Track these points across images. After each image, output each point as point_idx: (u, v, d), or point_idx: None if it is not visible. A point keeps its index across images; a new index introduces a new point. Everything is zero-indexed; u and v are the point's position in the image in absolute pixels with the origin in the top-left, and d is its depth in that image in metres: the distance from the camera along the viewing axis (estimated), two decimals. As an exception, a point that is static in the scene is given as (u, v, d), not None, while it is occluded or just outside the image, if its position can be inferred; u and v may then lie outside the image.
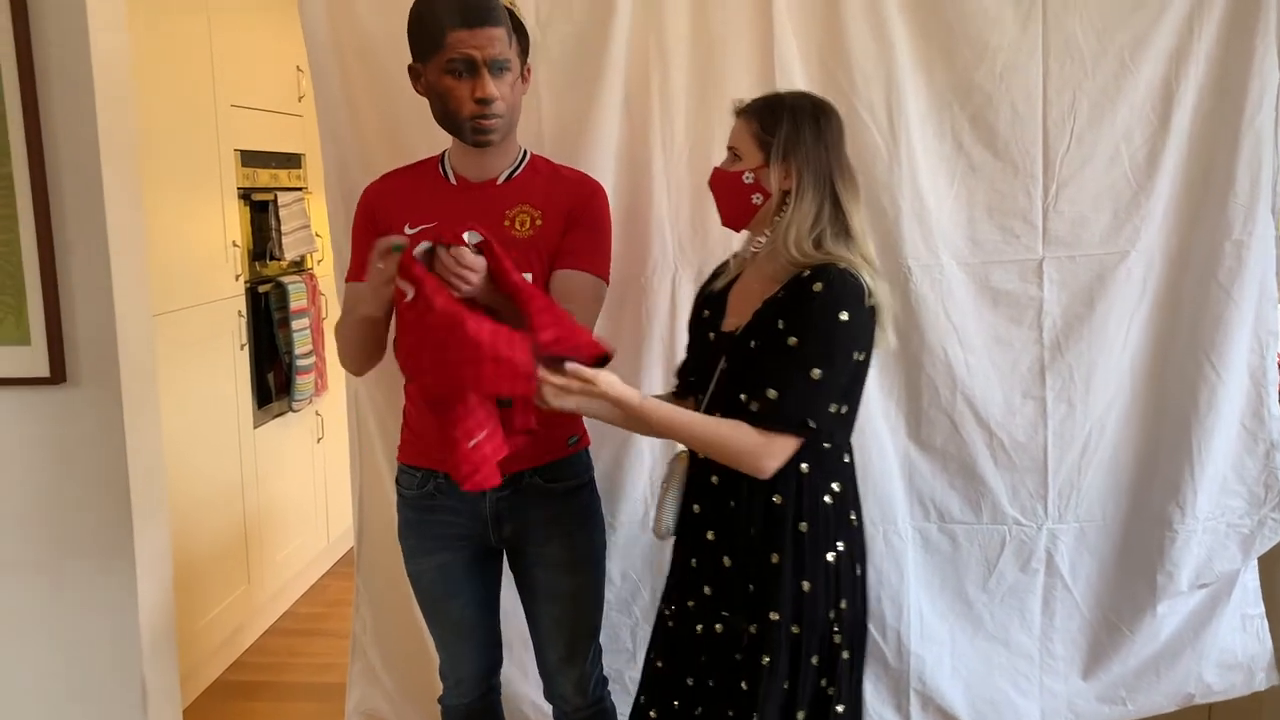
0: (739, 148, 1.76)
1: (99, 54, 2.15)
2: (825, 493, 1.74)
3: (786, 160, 1.70)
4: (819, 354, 1.64)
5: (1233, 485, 2.32)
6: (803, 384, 1.64)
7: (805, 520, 1.72)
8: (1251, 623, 2.39)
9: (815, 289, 1.64)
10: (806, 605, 1.72)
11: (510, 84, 1.83)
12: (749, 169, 1.74)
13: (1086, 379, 2.29)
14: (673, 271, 2.31)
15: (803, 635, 1.72)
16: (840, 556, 1.75)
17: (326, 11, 2.23)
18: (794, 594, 1.72)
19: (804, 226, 1.68)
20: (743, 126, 1.76)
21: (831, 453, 1.76)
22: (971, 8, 2.18)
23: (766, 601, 1.72)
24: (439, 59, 1.79)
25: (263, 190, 3.49)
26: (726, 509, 1.77)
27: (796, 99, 1.78)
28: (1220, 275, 2.24)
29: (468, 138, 1.85)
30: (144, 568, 2.31)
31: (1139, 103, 2.21)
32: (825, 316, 1.64)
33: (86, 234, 2.19)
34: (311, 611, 3.75)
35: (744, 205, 1.77)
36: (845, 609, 1.76)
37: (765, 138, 1.72)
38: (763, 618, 1.73)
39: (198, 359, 3.12)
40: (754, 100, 1.79)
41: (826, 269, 1.66)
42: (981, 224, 2.26)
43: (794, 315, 1.66)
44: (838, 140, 1.74)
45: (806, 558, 1.72)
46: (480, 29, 1.76)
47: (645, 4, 2.22)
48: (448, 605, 2.03)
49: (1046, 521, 2.35)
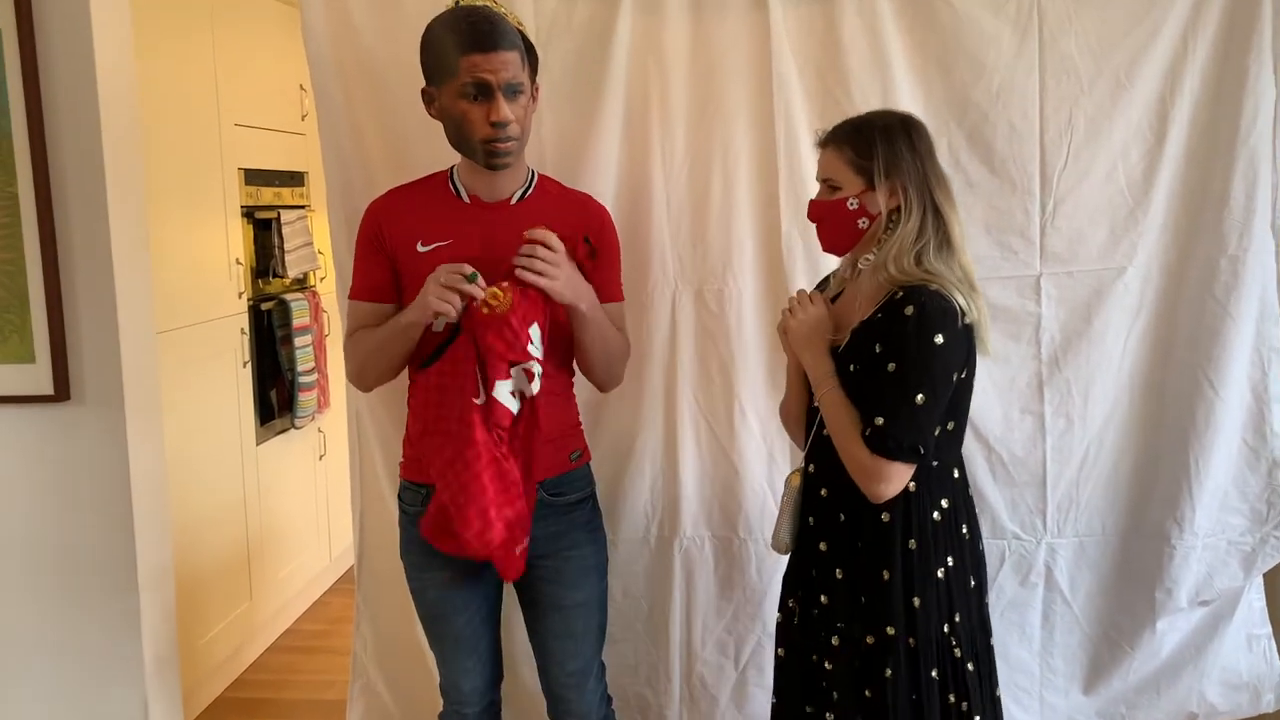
0: (835, 177, 1.77)
1: (104, 74, 2.18)
2: (934, 510, 1.76)
3: (890, 180, 1.72)
4: (920, 380, 1.65)
5: (1234, 502, 2.33)
6: (908, 411, 1.65)
7: (914, 538, 1.74)
8: (1258, 643, 2.39)
9: (907, 312, 1.65)
10: (919, 620, 1.74)
11: (523, 106, 1.84)
12: (851, 195, 1.75)
13: (1085, 394, 2.30)
14: (673, 288, 2.32)
15: (918, 649, 1.74)
16: (950, 571, 1.76)
17: (329, 32, 2.25)
18: (905, 609, 1.74)
19: (908, 242, 1.70)
20: (834, 156, 1.77)
21: (939, 470, 1.77)
22: (968, 26, 2.20)
23: (880, 615, 1.75)
24: (454, 83, 1.80)
25: (266, 208, 3.51)
26: (837, 522, 1.80)
27: (883, 118, 1.78)
28: (1216, 291, 2.25)
29: (483, 160, 1.85)
30: (146, 584, 2.32)
31: (1135, 120, 2.23)
32: (920, 341, 1.64)
33: (91, 253, 2.20)
34: (313, 629, 3.74)
35: (850, 231, 1.77)
36: (960, 622, 1.77)
37: (862, 163, 1.73)
38: (879, 630, 1.75)
39: (201, 376, 3.13)
40: (837, 128, 1.79)
41: (919, 290, 1.66)
42: (979, 240, 2.27)
43: (889, 339, 1.68)
44: (930, 150, 1.76)
45: (916, 574, 1.74)
46: (494, 53, 1.77)
47: (645, 23, 2.24)
48: (450, 620, 2.03)
49: (1045, 536, 2.35)
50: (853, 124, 1.78)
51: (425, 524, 1.83)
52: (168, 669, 2.40)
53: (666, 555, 2.39)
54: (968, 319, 1.68)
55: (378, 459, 2.40)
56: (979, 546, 1.85)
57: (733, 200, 2.27)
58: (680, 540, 2.38)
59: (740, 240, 2.29)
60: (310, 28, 2.24)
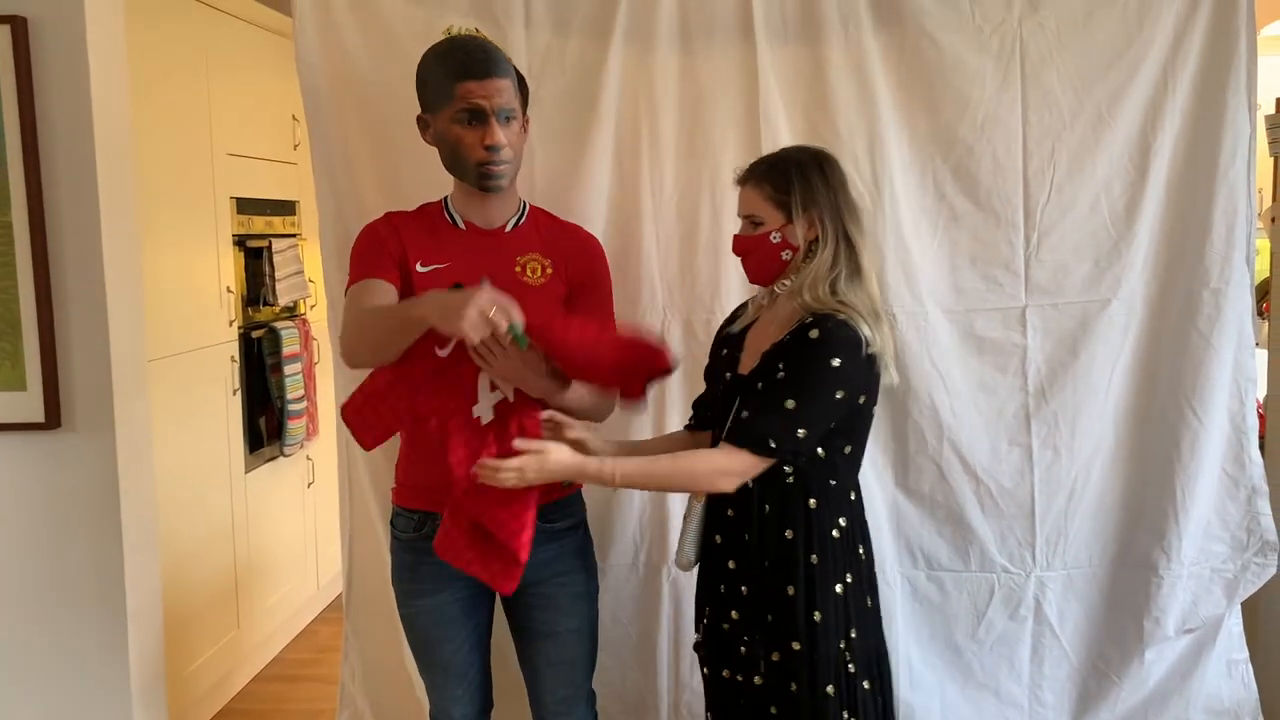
0: (757, 213, 1.82)
1: (99, 103, 2.20)
2: (833, 527, 1.81)
3: (808, 212, 1.78)
4: (798, 388, 1.72)
5: (1216, 530, 2.35)
6: (774, 410, 1.72)
7: (815, 553, 1.79)
8: (1237, 668, 2.39)
9: (811, 335, 1.73)
10: (819, 635, 1.78)
11: (516, 131, 1.89)
12: (773, 229, 1.80)
13: (1071, 425, 2.32)
14: (661, 317, 2.34)
15: (817, 664, 1.78)
16: (849, 589, 1.81)
17: (322, 62, 2.28)
18: (807, 624, 1.78)
19: (823, 271, 1.77)
20: (754, 193, 1.82)
21: (838, 490, 1.83)
22: (952, 62, 2.24)
23: (785, 631, 1.79)
24: (448, 109, 1.85)
25: (257, 237, 3.53)
26: (742, 541, 1.84)
27: (797, 154, 1.84)
28: (1200, 323, 2.28)
29: (476, 183, 1.90)
30: (135, 612, 2.31)
31: (1117, 154, 2.27)
32: (815, 359, 1.72)
33: (84, 281, 2.21)
34: (301, 657, 3.72)
35: (775, 263, 1.82)
36: (856, 638, 1.81)
37: (781, 197, 1.79)
38: (785, 646, 1.79)
39: (191, 404, 3.13)
40: (753, 166, 1.85)
41: (827, 318, 1.74)
42: (965, 272, 2.30)
43: (790, 356, 1.74)
44: (842, 182, 1.82)
45: (817, 589, 1.79)
46: (489, 80, 1.83)
47: (635, 58, 2.27)
48: (441, 647, 2.03)
49: (1034, 569, 2.36)
50: (768, 161, 1.85)
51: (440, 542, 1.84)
52: (155, 697, 2.39)
53: (655, 582, 2.40)
54: (871, 349, 1.74)
55: (367, 486, 2.40)
56: (873, 570, 1.90)
57: (720, 231, 2.30)
58: (669, 568, 2.38)
59: (727, 270, 2.31)
60: (303, 59, 2.27)
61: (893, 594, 2.36)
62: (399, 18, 2.26)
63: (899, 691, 2.35)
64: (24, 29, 2.15)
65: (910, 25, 2.25)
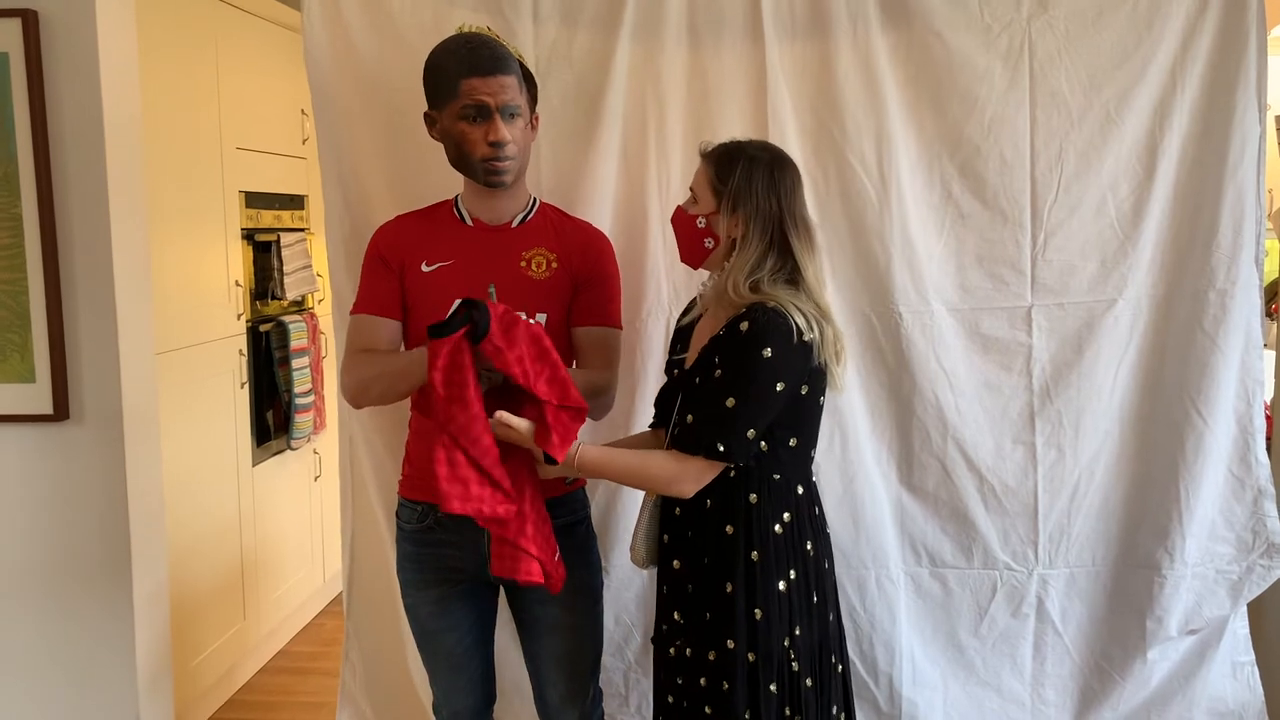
0: (696, 191, 1.84)
1: (109, 97, 2.21)
2: (776, 522, 1.80)
3: (735, 211, 1.77)
4: (735, 384, 1.72)
5: (1221, 531, 2.34)
6: (717, 411, 1.72)
7: (756, 549, 1.78)
8: (1242, 670, 2.39)
9: (742, 328, 1.72)
10: (760, 633, 1.77)
11: (521, 129, 1.91)
12: (702, 214, 1.81)
13: (1075, 425, 2.32)
14: (667, 315, 2.34)
15: (758, 663, 1.77)
16: (792, 585, 1.80)
17: (331, 58, 2.28)
18: (747, 622, 1.77)
19: (743, 272, 1.75)
20: (702, 171, 1.83)
21: (781, 484, 1.81)
22: (960, 61, 2.24)
23: (723, 629, 1.78)
24: (454, 105, 1.87)
25: (266, 231, 3.54)
26: (687, 539, 1.85)
27: (756, 149, 1.82)
28: (1206, 323, 2.27)
29: (481, 178, 1.92)
30: (141, 604, 2.32)
31: (1124, 154, 2.26)
32: (747, 351, 1.71)
33: (92, 274, 2.23)
34: (306, 650, 3.74)
35: (698, 247, 1.84)
36: (800, 635, 1.80)
37: (719, 186, 1.79)
38: (720, 645, 1.79)
39: (199, 397, 3.15)
40: (717, 146, 1.85)
41: (756, 307, 1.73)
42: (971, 271, 2.30)
43: (724, 350, 1.74)
44: (792, 190, 1.79)
45: (758, 586, 1.78)
46: (493, 76, 1.84)
47: (642, 55, 2.28)
48: (443, 638, 2.05)
49: (1037, 566, 2.36)
50: (728, 148, 1.83)
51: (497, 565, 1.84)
52: (161, 688, 2.41)
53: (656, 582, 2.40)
54: (805, 337, 1.72)
55: (370, 481, 2.40)
56: (825, 564, 1.88)
57: (728, 229, 2.30)
58: (672, 567, 2.39)
59: (734, 267, 2.31)
60: (312, 54, 2.27)
61: (896, 591, 2.36)
62: (407, 13, 2.26)
63: (902, 689, 2.36)
64: (35, 22, 2.16)
65: (919, 24, 2.24)
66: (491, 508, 1.75)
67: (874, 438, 2.34)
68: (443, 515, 1.96)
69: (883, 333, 2.30)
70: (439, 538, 2.00)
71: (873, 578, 2.36)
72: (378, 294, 2.00)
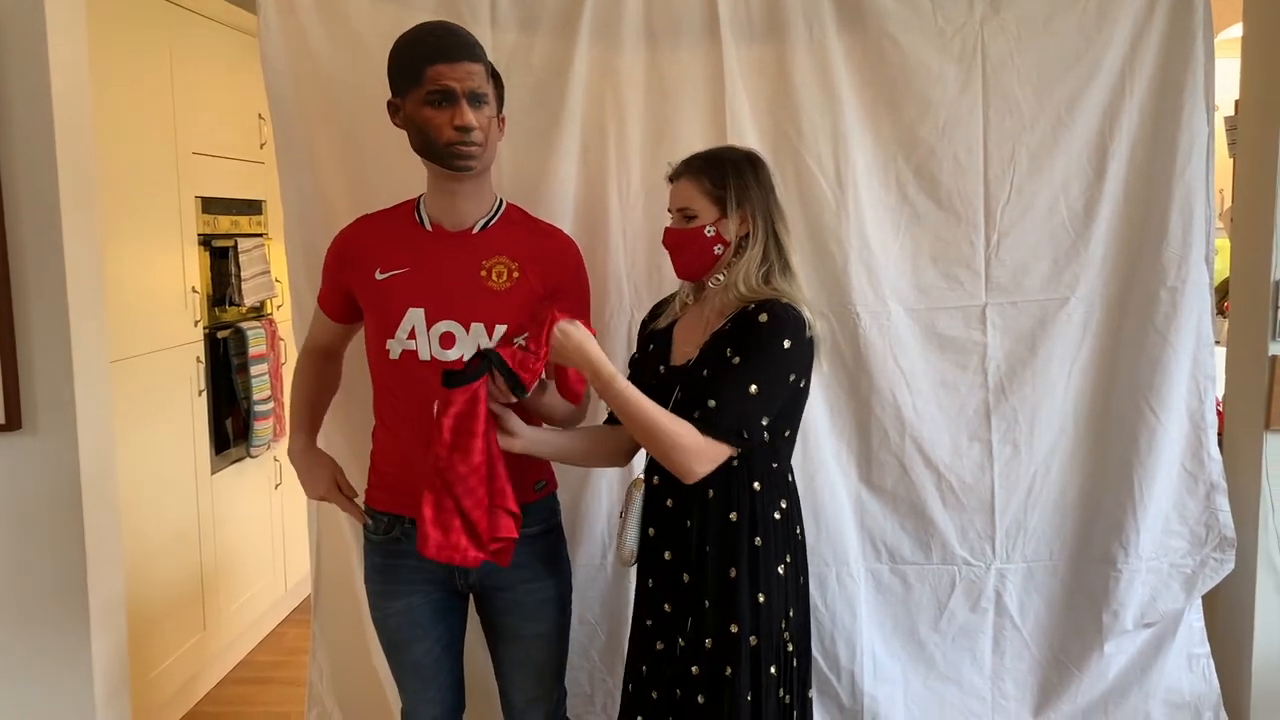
0: (690, 206, 1.86)
1: (60, 101, 2.17)
2: (775, 509, 1.86)
3: (741, 209, 1.84)
4: (757, 372, 1.76)
5: (1175, 526, 2.38)
6: (740, 397, 1.76)
7: (760, 535, 1.83)
8: (1198, 662, 2.43)
9: (761, 319, 1.78)
10: (763, 617, 1.82)
11: (488, 118, 1.87)
12: (708, 223, 1.84)
13: (1030, 421, 2.36)
14: (629, 316, 2.35)
15: (760, 646, 1.82)
16: (788, 568, 1.86)
17: (288, 63, 2.27)
18: (751, 606, 1.81)
19: (754, 266, 1.83)
20: (690, 186, 1.87)
21: (778, 472, 1.88)
22: (914, 64, 2.27)
23: (725, 615, 1.82)
24: (418, 91, 1.83)
25: (223, 236, 3.50)
26: (682, 529, 1.87)
27: (730, 153, 1.90)
28: (1157, 321, 2.32)
29: (447, 163, 1.86)
30: (98, 615, 2.29)
31: (1076, 155, 2.30)
32: (769, 341, 1.77)
33: (45, 282, 2.19)
34: (268, 659, 3.70)
35: (707, 257, 1.87)
36: (794, 617, 1.87)
37: (718, 192, 1.84)
38: (722, 631, 1.82)
39: (156, 405, 3.11)
40: (689, 161, 1.89)
41: (771, 303, 1.80)
42: (926, 271, 2.33)
43: (740, 341, 1.78)
44: (770, 184, 1.88)
45: (761, 570, 1.83)
46: (459, 63, 1.82)
47: (601, 58, 2.28)
48: (412, 648, 2.03)
49: (995, 561, 2.39)
50: (704, 158, 1.89)
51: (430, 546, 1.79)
52: (119, 702, 2.37)
53: (623, 582, 2.41)
54: (811, 332, 1.80)
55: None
56: (805, 550, 1.96)
57: (688, 231, 2.31)
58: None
59: (695, 270, 2.32)
60: (268, 59, 2.26)
61: (856, 587, 2.38)
62: (364, 17, 2.25)
63: (863, 684, 2.38)
64: (-18, 26, 2.12)
65: (873, 26, 2.27)
66: (463, 555, 1.75)
67: (833, 436, 2.36)
68: (409, 526, 1.96)
69: (841, 333, 2.33)
70: (407, 548, 1.97)
71: (833, 574, 2.38)
72: (327, 296, 2.04)
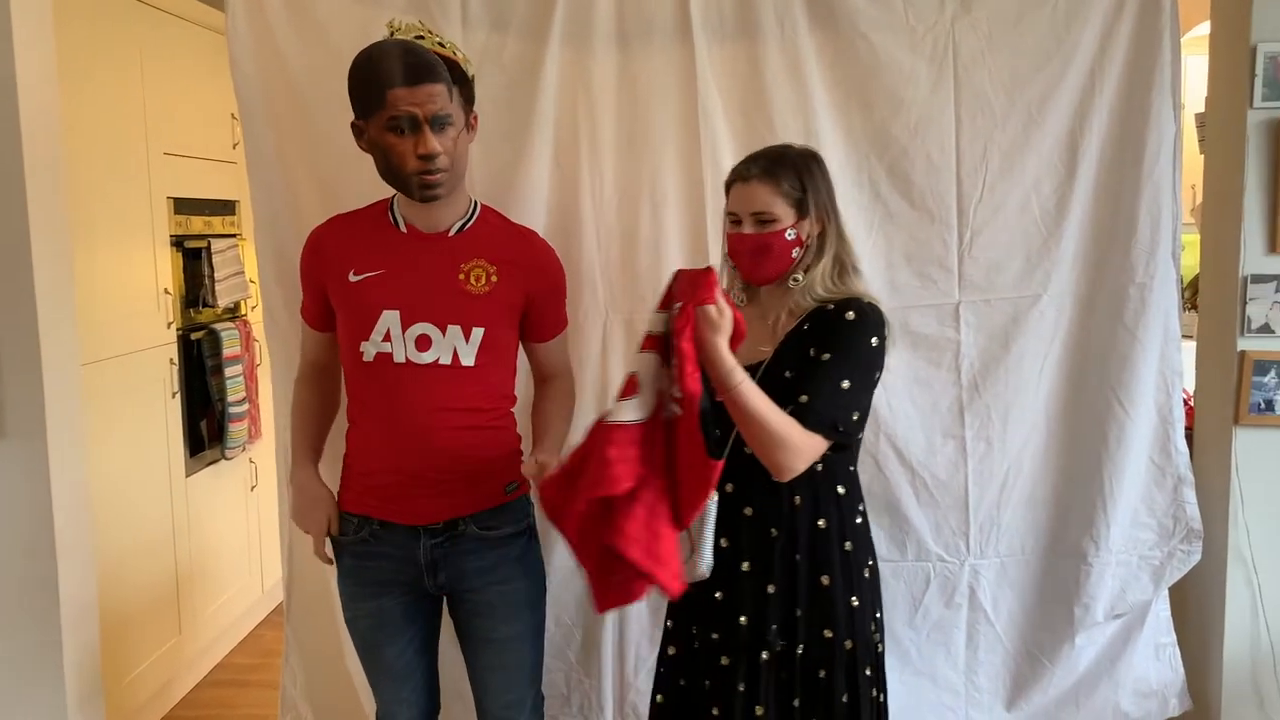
0: (770, 210, 1.79)
1: (26, 101, 2.15)
2: (857, 513, 1.88)
3: (818, 209, 1.82)
4: (850, 367, 1.75)
5: (1143, 518, 2.41)
6: (833, 391, 1.73)
7: (849, 539, 1.83)
8: (1164, 651, 2.47)
9: (849, 317, 1.77)
10: (857, 620, 1.83)
11: (453, 138, 1.84)
12: (788, 226, 1.80)
13: (1004, 418, 2.37)
14: (603, 316, 2.35)
15: (856, 649, 1.82)
16: (871, 569, 1.87)
17: (256, 65, 2.25)
18: (846, 611, 1.81)
19: (829, 266, 1.82)
20: (766, 190, 1.79)
21: (854, 475, 1.89)
22: (886, 62, 2.28)
23: (819, 621, 1.81)
24: (380, 116, 1.81)
25: (196, 237, 3.48)
26: (765, 538, 1.83)
27: (795, 152, 1.85)
28: (1126, 317, 2.34)
29: (414, 194, 1.86)
30: (70, 621, 2.27)
31: (1047, 153, 2.32)
32: (859, 338, 1.76)
33: (13, 284, 2.17)
34: (245, 662, 3.68)
35: (786, 260, 1.82)
36: (879, 617, 1.88)
37: (796, 194, 1.80)
38: (815, 636, 1.81)
39: (128, 408, 3.08)
40: (758, 163, 1.82)
41: (855, 300, 1.79)
42: (900, 270, 2.34)
43: (828, 338, 1.77)
44: (831, 181, 1.87)
45: (853, 574, 1.83)
46: (419, 86, 1.78)
47: (573, 58, 2.28)
48: (384, 650, 2.02)
49: (969, 557, 2.41)
50: (771, 158, 1.83)
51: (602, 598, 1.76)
52: (92, 706, 2.35)
53: (600, 583, 2.41)
54: (888, 331, 1.79)
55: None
56: None
57: (661, 229, 2.32)
58: (613, 567, 2.39)
59: (669, 268, 2.28)
60: (237, 60, 2.24)
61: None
62: (334, 17, 2.24)
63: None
64: (-54, 27, 2.10)
65: (845, 25, 2.28)
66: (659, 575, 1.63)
67: (809, 435, 2.37)
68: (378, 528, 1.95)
69: None
70: (377, 550, 1.97)
71: (810, 573, 2.38)
72: (308, 305, 2.02)
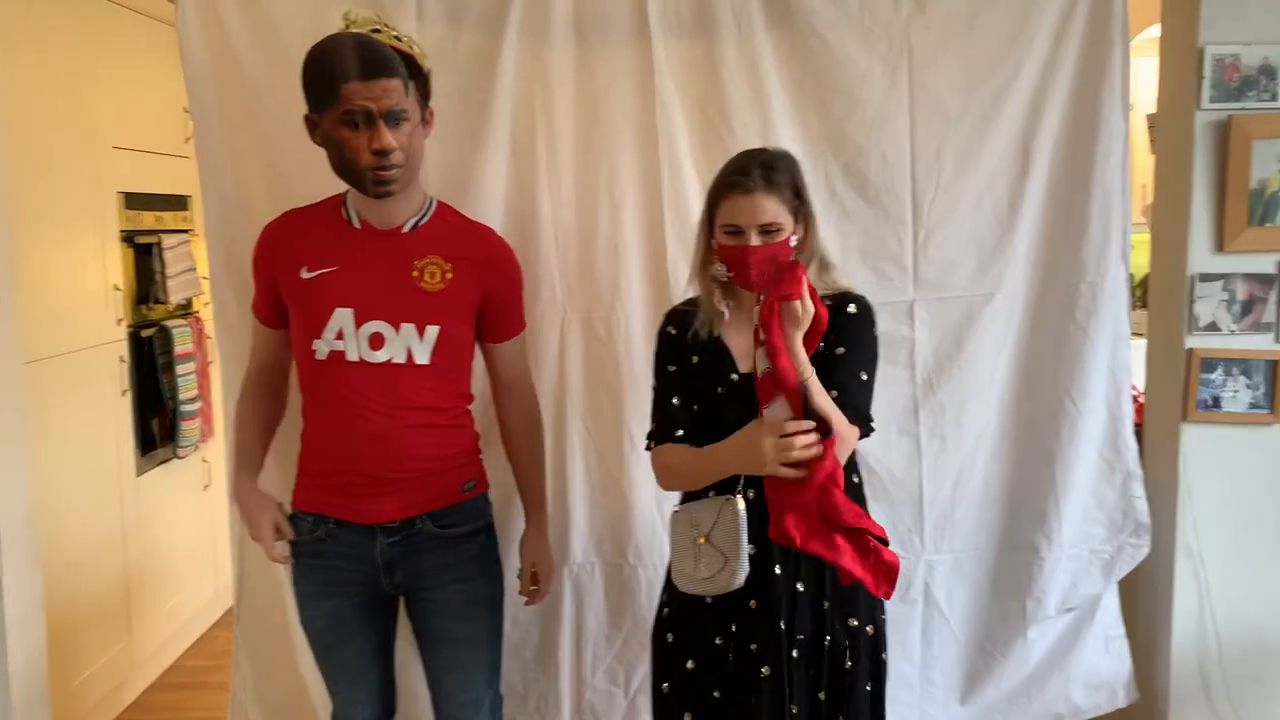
0: (777, 221, 1.77)
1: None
2: (867, 500, 1.93)
3: (807, 212, 1.84)
4: (866, 360, 1.82)
5: (1094, 513, 2.44)
6: (857, 384, 1.80)
7: None
8: (1114, 644, 2.50)
9: (850, 311, 1.82)
10: (876, 606, 1.89)
11: (408, 133, 1.82)
12: (790, 234, 1.80)
13: (957, 415, 2.39)
14: (561, 315, 2.34)
15: (876, 635, 1.87)
16: None
17: (208, 58, 2.22)
18: (866, 597, 1.84)
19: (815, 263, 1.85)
20: (771, 201, 1.76)
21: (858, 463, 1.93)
22: (842, 61, 2.28)
23: (845, 612, 1.83)
24: (334, 111, 1.79)
25: (146, 233, 3.42)
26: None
27: (781, 158, 1.83)
28: (1078, 315, 2.37)
29: (369, 189, 1.84)
30: (14, 625, 2.23)
31: (1001, 153, 2.33)
32: (865, 331, 1.84)
33: (-48, 281, 2.13)
34: (199, 665, 3.63)
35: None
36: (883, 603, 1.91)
37: (795, 203, 1.81)
38: (843, 625, 1.83)
39: (76, 406, 3.03)
40: (755, 173, 1.77)
41: (849, 294, 1.85)
42: (855, 267, 2.34)
43: (840, 332, 1.79)
44: None
45: None
46: (374, 81, 1.76)
47: (530, 53, 2.26)
48: (340, 651, 2.01)
49: (924, 553, 2.43)
50: (766, 166, 1.79)
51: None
52: (38, 711, 2.31)
53: (556, 582, 2.39)
54: None
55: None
56: None
57: (619, 228, 2.31)
58: (570, 567, 2.38)
59: (627, 267, 2.32)
60: (188, 54, 2.21)
61: (789, 582, 2.40)
62: (287, 9, 2.20)
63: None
64: (-117, 16, 2.05)
65: (801, 24, 2.28)
66: None
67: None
68: (334, 527, 1.93)
69: None
70: (332, 549, 1.95)
71: (767, 569, 2.39)
72: (259, 300, 1.99)
